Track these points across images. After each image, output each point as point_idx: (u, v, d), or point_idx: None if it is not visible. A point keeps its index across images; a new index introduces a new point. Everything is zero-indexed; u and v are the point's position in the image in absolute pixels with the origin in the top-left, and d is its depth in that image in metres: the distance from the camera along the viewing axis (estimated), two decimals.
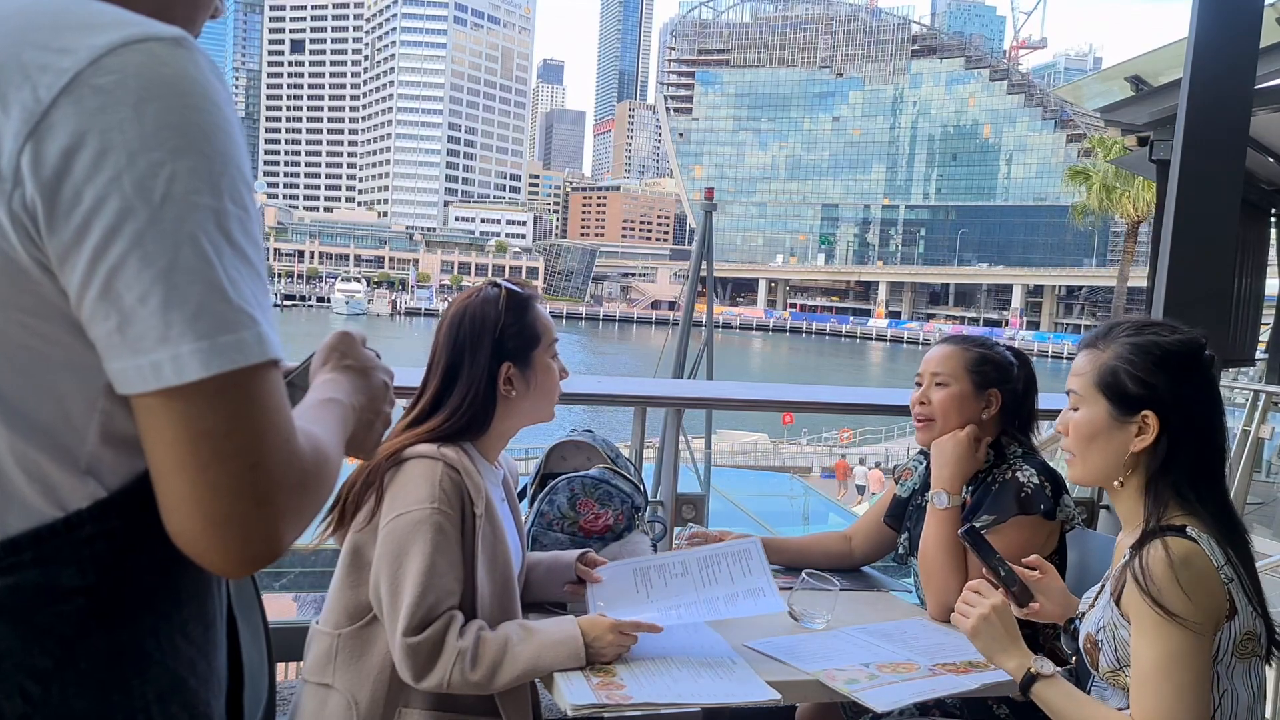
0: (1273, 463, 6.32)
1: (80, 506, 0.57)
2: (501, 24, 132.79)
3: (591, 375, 22.40)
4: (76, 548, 0.56)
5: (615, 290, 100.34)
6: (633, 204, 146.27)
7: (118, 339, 0.53)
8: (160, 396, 0.53)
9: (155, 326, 0.52)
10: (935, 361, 1.77)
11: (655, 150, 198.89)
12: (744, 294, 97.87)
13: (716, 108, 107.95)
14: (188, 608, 0.62)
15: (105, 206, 0.52)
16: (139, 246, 0.52)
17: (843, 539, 1.98)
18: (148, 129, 0.52)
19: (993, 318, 78.97)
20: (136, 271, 0.52)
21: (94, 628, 0.57)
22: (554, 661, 1.33)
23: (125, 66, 0.52)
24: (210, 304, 0.53)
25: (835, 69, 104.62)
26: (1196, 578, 1.16)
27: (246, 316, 0.55)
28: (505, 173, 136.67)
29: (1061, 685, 1.27)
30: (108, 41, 0.53)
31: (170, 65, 0.54)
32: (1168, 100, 3.78)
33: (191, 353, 0.53)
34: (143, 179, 0.52)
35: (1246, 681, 1.21)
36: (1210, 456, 1.28)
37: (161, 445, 0.54)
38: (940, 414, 1.73)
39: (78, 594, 0.56)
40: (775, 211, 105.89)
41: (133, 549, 0.58)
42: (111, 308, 0.53)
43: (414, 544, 1.32)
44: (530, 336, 1.47)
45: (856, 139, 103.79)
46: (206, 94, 0.54)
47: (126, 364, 0.53)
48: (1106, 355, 1.31)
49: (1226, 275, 2.22)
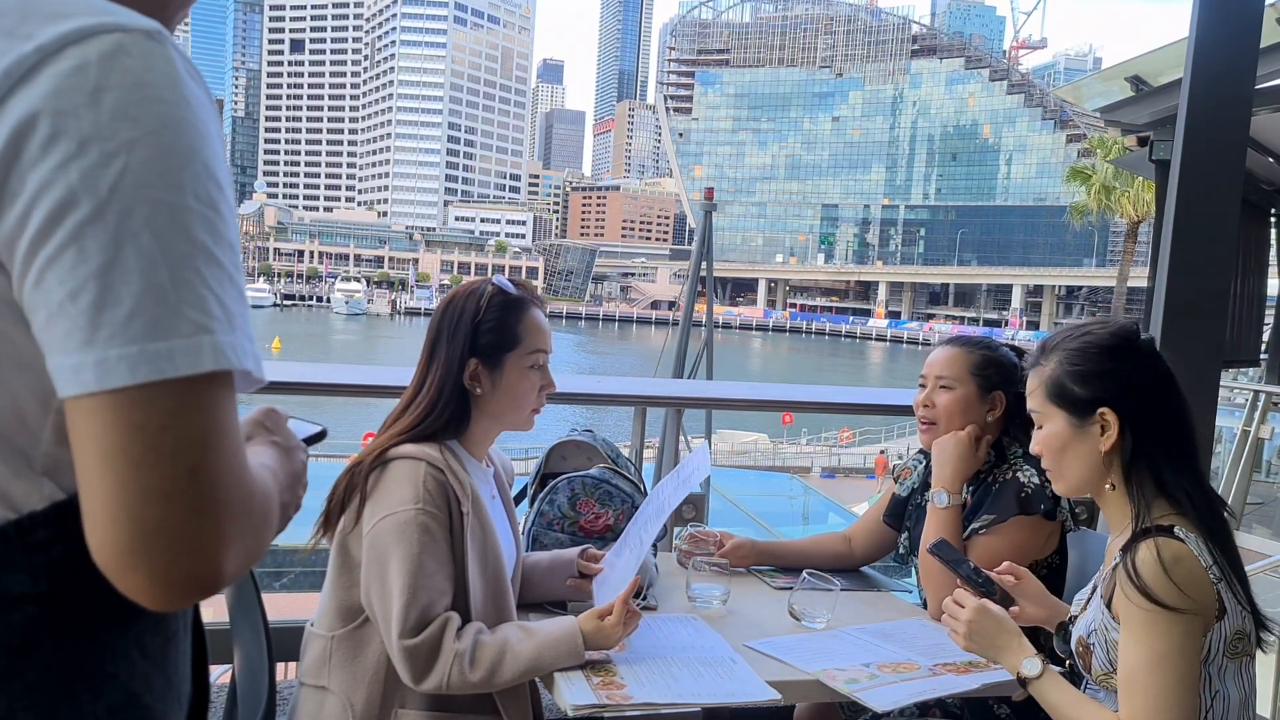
0: (1272, 463, 6.32)
1: (35, 509, 0.53)
2: (501, 24, 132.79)
3: (591, 375, 22.39)
4: (29, 552, 0.53)
5: (615, 290, 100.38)
6: (632, 204, 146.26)
7: (45, 336, 0.50)
8: (86, 400, 0.49)
9: (82, 327, 0.48)
10: (939, 364, 1.76)
11: (655, 150, 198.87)
12: (744, 294, 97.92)
13: (716, 108, 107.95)
14: (145, 620, 0.58)
15: (48, 194, 0.49)
16: (77, 240, 0.48)
17: (842, 540, 1.98)
18: (103, 117, 0.49)
19: (992, 318, 78.99)
20: (71, 266, 0.49)
21: (44, 638, 0.53)
22: (554, 660, 1.33)
23: (87, 54, 0.50)
24: (147, 306, 0.49)
25: (835, 69, 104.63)
26: (1186, 577, 1.16)
27: (190, 323, 0.50)
28: (505, 172, 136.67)
29: (1052, 683, 1.27)
30: (74, 28, 0.50)
31: (136, 56, 0.51)
32: (1168, 100, 3.78)
33: (119, 358, 0.48)
34: (91, 168, 0.49)
35: (1238, 681, 1.21)
36: (1175, 433, 1.28)
37: (90, 444, 0.49)
38: (945, 417, 1.73)
39: (28, 601, 0.53)
40: (775, 211, 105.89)
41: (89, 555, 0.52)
42: (41, 302, 0.49)
43: (401, 546, 1.32)
44: (507, 338, 1.44)
45: (856, 139, 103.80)
46: (174, 87, 0.51)
47: (52, 362, 0.50)
48: (1049, 368, 1.34)
49: (1227, 275, 2.22)
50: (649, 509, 1.59)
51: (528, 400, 1.48)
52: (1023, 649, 1.33)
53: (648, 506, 1.61)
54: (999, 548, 1.62)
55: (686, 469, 1.62)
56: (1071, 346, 1.32)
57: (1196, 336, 2.08)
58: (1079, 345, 1.32)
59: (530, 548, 1.83)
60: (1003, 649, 1.34)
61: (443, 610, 1.33)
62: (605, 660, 1.38)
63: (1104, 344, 1.30)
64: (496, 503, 1.53)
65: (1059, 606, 1.50)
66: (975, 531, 1.67)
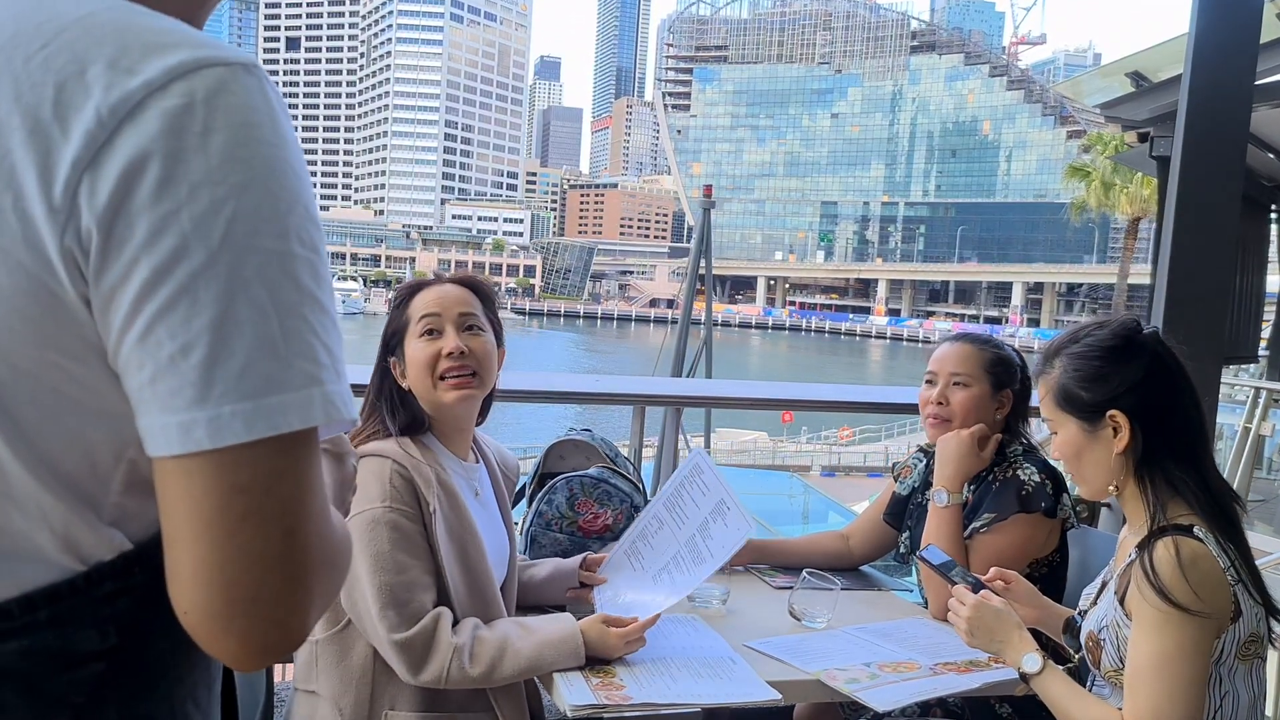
0: (1274, 460, 6.32)
1: (102, 559, 0.52)
2: (498, 20, 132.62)
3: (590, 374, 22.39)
4: (96, 606, 0.52)
5: (613, 288, 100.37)
6: (630, 201, 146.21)
7: (149, 393, 0.48)
8: (188, 460, 0.47)
9: (194, 383, 0.47)
10: (954, 361, 1.75)
11: (653, 147, 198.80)
12: (743, 292, 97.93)
13: (714, 104, 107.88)
14: (198, 671, 0.57)
15: (160, 242, 0.47)
16: (189, 292, 0.47)
17: (839, 538, 1.97)
18: (214, 161, 0.48)
19: (993, 315, 79.02)
20: (184, 319, 0.47)
21: (108, 697, 0.52)
22: (554, 660, 1.32)
23: (194, 91, 0.48)
24: (261, 360, 0.48)
25: (834, 65, 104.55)
26: (1203, 578, 1.16)
27: (301, 375, 0.49)
28: (502, 170, 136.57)
29: (1052, 679, 1.27)
30: (178, 62, 0.48)
31: (239, 94, 0.49)
32: (1168, 96, 3.77)
33: (233, 414, 0.47)
34: (203, 216, 0.47)
35: (1248, 682, 1.21)
36: (1186, 426, 1.27)
37: (185, 506, 0.48)
38: (960, 415, 1.72)
39: (96, 659, 0.51)
40: (774, 209, 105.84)
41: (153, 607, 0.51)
42: (148, 356, 0.47)
43: (374, 544, 1.32)
44: (401, 324, 1.47)
45: (855, 135, 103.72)
46: (274, 126, 0.50)
47: (154, 421, 0.48)
48: (1055, 375, 1.33)
49: (1228, 271, 2.22)
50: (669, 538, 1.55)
51: (426, 369, 1.43)
52: (1024, 643, 1.32)
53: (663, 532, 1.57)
54: (1000, 546, 1.62)
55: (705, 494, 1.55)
56: (1074, 351, 1.32)
57: (1197, 333, 2.07)
58: (1081, 349, 1.31)
59: (528, 547, 1.83)
60: (1005, 643, 1.34)
61: (428, 602, 1.33)
62: (605, 660, 1.37)
63: (1105, 345, 1.30)
64: (483, 498, 1.52)
65: (1051, 607, 1.50)
66: (976, 530, 1.67)
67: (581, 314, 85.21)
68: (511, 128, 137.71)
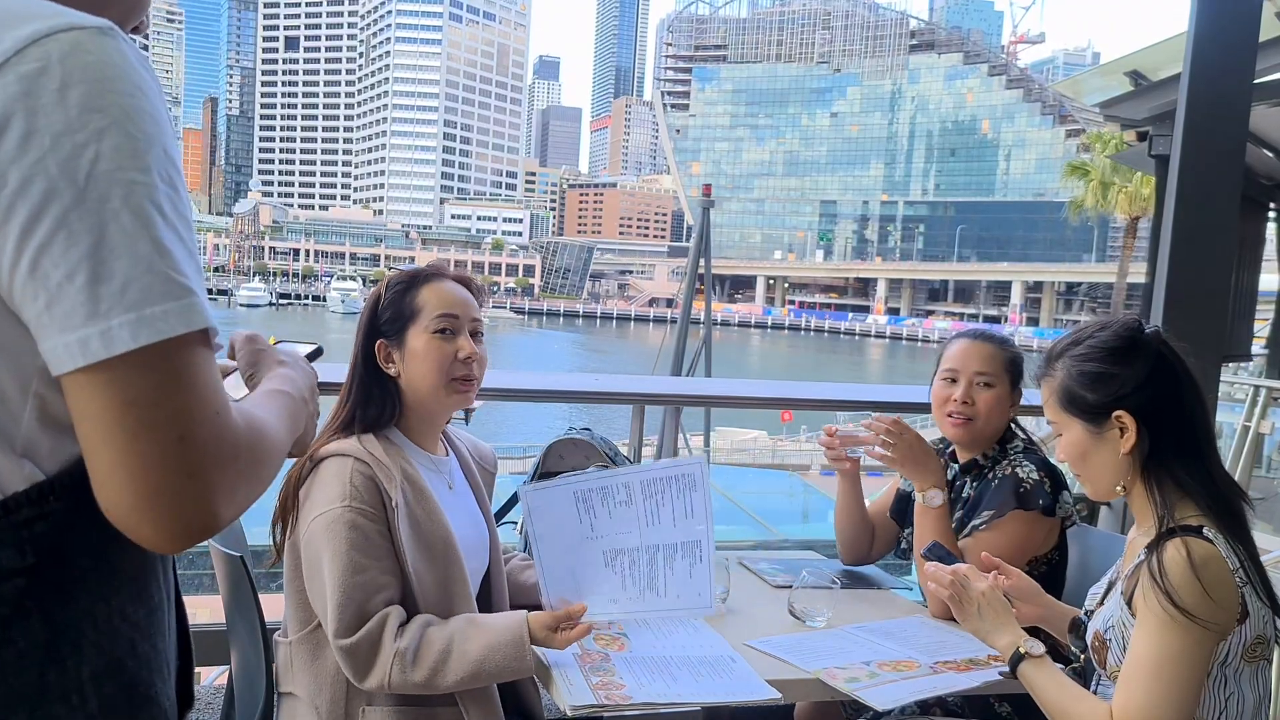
0: (1273, 458, 6.33)
1: (17, 489, 0.57)
2: (498, 20, 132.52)
3: (589, 373, 22.38)
4: (15, 529, 0.57)
5: (613, 287, 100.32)
6: (630, 201, 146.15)
7: (47, 318, 0.54)
8: (89, 372, 0.54)
9: (84, 303, 0.53)
10: (979, 360, 1.75)
11: (652, 147, 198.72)
12: (742, 291, 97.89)
13: (713, 104, 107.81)
14: (126, 590, 0.63)
15: (31, 188, 0.53)
16: (64, 226, 0.53)
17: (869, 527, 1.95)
18: (72, 112, 0.53)
19: (992, 314, 78.97)
20: (63, 250, 0.53)
21: (31, 608, 0.58)
22: (499, 666, 1.29)
23: (49, 54, 0.54)
24: (137, 276, 0.54)
25: (833, 64, 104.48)
26: (1214, 580, 1.15)
27: (177, 287, 0.55)
28: (501, 170, 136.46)
29: (1047, 667, 1.27)
30: (33, 31, 0.54)
31: (94, 52, 0.55)
32: (1167, 95, 3.78)
33: (120, 325, 0.53)
34: (67, 160, 0.53)
35: (1253, 684, 1.21)
36: (1191, 425, 1.27)
37: (90, 419, 0.55)
38: (984, 413, 1.73)
39: (17, 574, 0.57)
40: (773, 208, 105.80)
41: (70, 531, 0.59)
42: (39, 287, 0.54)
43: (330, 544, 1.31)
44: (407, 313, 1.45)
45: (854, 135, 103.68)
46: (130, 78, 0.56)
47: (56, 342, 0.54)
48: (1059, 377, 1.33)
49: (1227, 270, 2.21)
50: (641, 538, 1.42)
51: (439, 369, 1.42)
52: (1014, 634, 1.33)
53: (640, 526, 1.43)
54: (998, 543, 1.62)
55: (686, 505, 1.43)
56: (1076, 353, 1.31)
57: (1197, 331, 2.08)
58: (1084, 351, 1.31)
59: (527, 546, 1.82)
60: (1004, 626, 1.34)
61: (383, 605, 1.31)
62: (604, 660, 1.37)
63: (1108, 345, 1.29)
64: (457, 490, 1.51)
65: (1055, 606, 1.49)
66: (976, 528, 1.67)
67: (581, 313, 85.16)
68: (510, 127, 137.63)
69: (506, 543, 1.73)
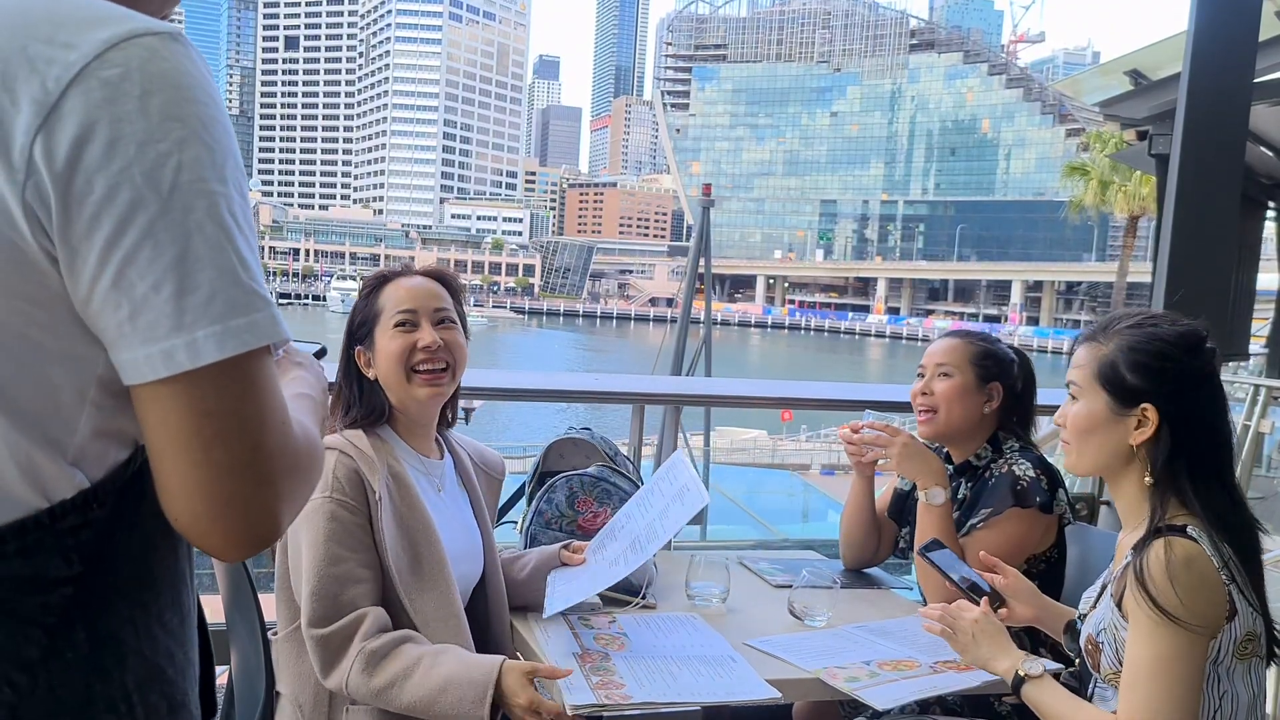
0: (1273, 458, 6.32)
1: (65, 497, 0.57)
2: (497, 19, 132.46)
3: (589, 373, 22.38)
4: (60, 537, 0.57)
5: (613, 287, 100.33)
6: (630, 200, 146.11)
7: (129, 328, 0.54)
8: (169, 383, 0.54)
9: (170, 314, 0.53)
10: (939, 353, 1.77)
11: (652, 146, 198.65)
12: (742, 290, 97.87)
13: (713, 103, 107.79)
14: (164, 597, 0.63)
15: (117, 197, 0.53)
16: (151, 236, 0.53)
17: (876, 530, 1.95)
18: (153, 120, 0.54)
19: (992, 313, 78.99)
20: (150, 260, 0.53)
21: (76, 618, 0.58)
22: (454, 702, 1.23)
23: (129, 60, 0.54)
24: (222, 288, 0.55)
25: (833, 64, 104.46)
26: (1198, 580, 1.15)
27: (258, 299, 0.56)
28: (501, 169, 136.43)
29: (1049, 686, 1.27)
30: (111, 35, 0.54)
31: (169, 59, 0.55)
32: (1167, 94, 3.77)
33: (206, 337, 0.54)
34: (152, 169, 0.53)
35: (1247, 681, 1.21)
36: (1214, 451, 1.26)
37: (164, 429, 0.55)
38: (944, 404, 1.73)
39: (64, 584, 0.57)
40: (773, 207, 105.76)
41: (111, 538, 0.59)
42: (123, 297, 0.54)
43: (308, 534, 1.32)
44: (371, 315, 1.47)
45: (854, 134, 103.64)
46: (203, 87, 0.57)
47: (138, 353, 0.54)
48: (1107, 348, 1.30)
49: (1227, 269, 2.22)
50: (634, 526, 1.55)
51: (399, 361, 1.42)
52: (1013, 656, 1.32)
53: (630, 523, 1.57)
54: (995, 541, 1.62)
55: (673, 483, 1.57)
56: (1136, 335, 1.28)
57: None
58: (1144, 336, 1.28)
59: (529, 547, 1.82)
60: (1002, 650, 1.33)
61: (358, 598, 1.30)
62: (604, 659, 1.37)
63: (1169, 340, 1.27)
64: (447, 494, 1.51)
65: (1051, 606, 1.49)
66: (973, 527, 1.67)
67: (581, 313, 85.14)
68: (510, 127, 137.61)
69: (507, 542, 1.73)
